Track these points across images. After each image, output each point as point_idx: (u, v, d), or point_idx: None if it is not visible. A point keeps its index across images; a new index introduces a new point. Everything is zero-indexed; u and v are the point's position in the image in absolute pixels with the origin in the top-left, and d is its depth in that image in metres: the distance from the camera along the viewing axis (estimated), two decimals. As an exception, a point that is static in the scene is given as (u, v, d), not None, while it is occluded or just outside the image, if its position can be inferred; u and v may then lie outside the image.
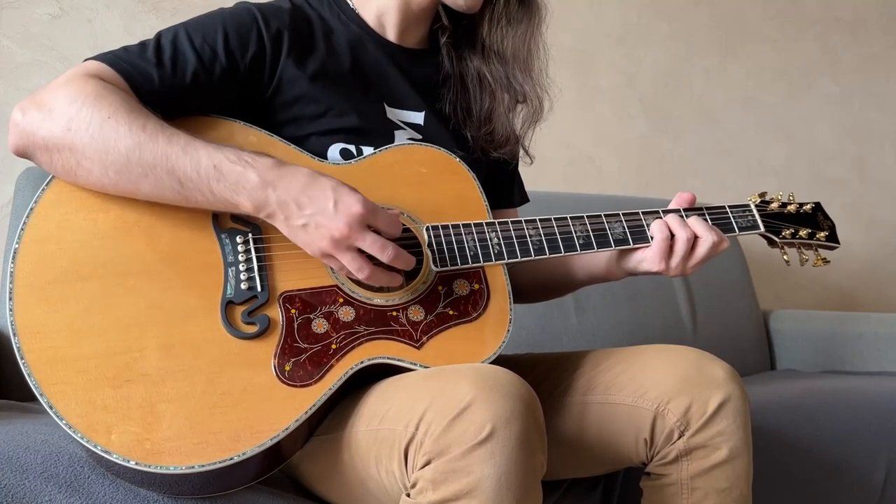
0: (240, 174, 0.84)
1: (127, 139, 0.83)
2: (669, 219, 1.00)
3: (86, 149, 0.83)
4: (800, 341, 2.03)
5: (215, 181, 0.84)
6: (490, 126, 1.10)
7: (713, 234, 0.98)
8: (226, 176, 0.83)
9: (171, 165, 0.83)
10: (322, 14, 1.06)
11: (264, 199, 0.84)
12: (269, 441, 0.81)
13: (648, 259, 1.00)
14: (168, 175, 0.83)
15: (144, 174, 0.84)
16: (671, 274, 1.00)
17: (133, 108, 0.85)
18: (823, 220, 1.12)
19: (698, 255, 0.99)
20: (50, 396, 0.79)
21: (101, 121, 0.83)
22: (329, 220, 0.83)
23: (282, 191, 0.84)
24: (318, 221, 0.83)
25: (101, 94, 0.84)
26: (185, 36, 0.93)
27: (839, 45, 2.59)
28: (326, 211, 0.83)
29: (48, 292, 0.83)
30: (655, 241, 0.99)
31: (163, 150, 0.83)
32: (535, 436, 0.78)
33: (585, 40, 2.25)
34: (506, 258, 0.97)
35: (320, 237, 0.84)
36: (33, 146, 0.86)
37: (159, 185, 0.84)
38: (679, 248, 0.98)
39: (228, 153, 0.85)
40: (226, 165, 0.84)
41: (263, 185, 0.84)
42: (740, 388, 0.92)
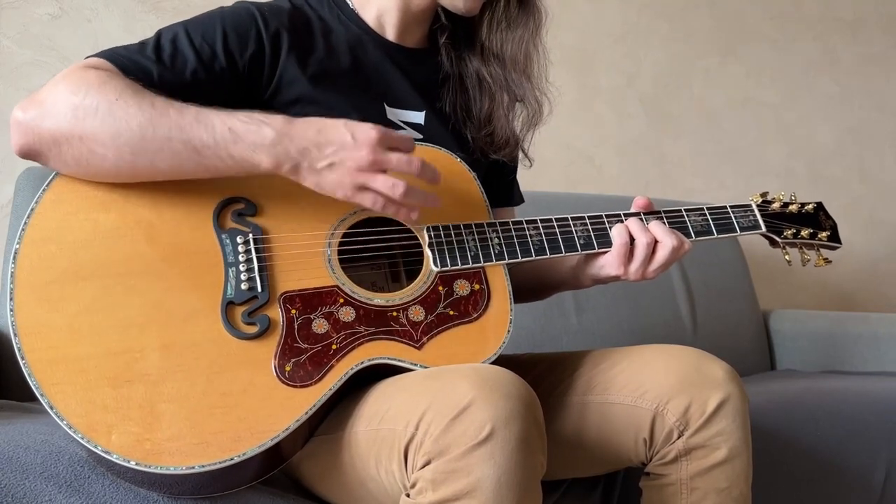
0: (255, 132, 0.84)
1: (138, 117, 0.83)
2: (630, 223, 1.00)
3: (97, 134, 0.83)
4: (800, 341, 2.03)
5: (232, 144, 0.84)
6: (490, 128, 1.10)
7: (673, 238, 0.98)
8: (242, 137, 0.84)
9: (187, 136, 0.83)
10: (321, 14, 1.06)
11: (284, 152, 0.84)
12: (269, 441, 0.81)
13: (608, 263, 1.00)
14: (184, 146, 0.84)
15: (160, 149, 0.84)
16: (631, 279, 1.00)
17: (138, 89, 0.86)
18: (825, 220, 1.12)
19: (658, 259, 0.99)
20: (50, 397, 0.79)
21: (109, 104, 0.83)
22: (352, 151, 0.84)
23: (299, 139, 0.85)
24: (343, 156, 0.84)
25: (105, 80, 0.85)
26: (185, 35, 0.93)
27: (839, 45, 2.59)
28: (347, 144, 0.84)
29: (49, 292, 0.83)
30: (615, 246, 0.99)
31: (176, 123, 0.83)
32: (534, 436, 0.78)
33: (585, 40, 2.25)
34: (506, 258, 0.97)
35: (348, 170, 0.84)
36: (40, 141, 0.85)
37: (177, 158, 0.84)
38: (639, 252, 0.98)
39: (240, 115, 0.86)
40: (240, 126, 0.84)
41: (280, 139, 0.84)
42: (739, 388, 0.92)
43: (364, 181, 0.85)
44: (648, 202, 1.04)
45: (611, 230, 1.00)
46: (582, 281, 1.06)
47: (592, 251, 1.00)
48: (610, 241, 1.00)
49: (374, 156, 0.84)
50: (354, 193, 0.86)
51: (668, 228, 0.99)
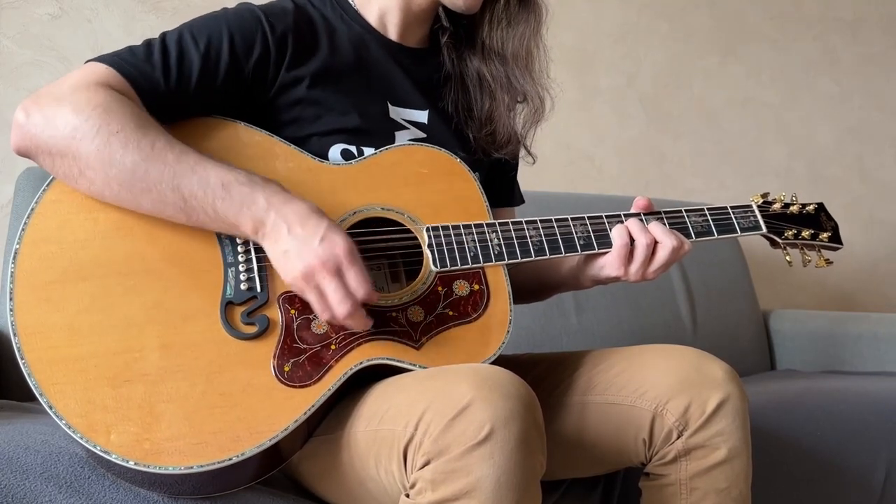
0: (247, 195, 0.84)
1: (134, 155, 0.83)
2: (630, 224, 0.99)
3: (90, 159, 0.83)
4: (800, 341, 2.03)
5: (220, 200, 0.84)
6: (491, 127, 1.10)
7: (673, 238, 0.98)
8: (233, 196, 0.84)
9: (177, 183, 0.83)
10: (325, 13, 1.06)
11: (263, 220, 0.84)
12: (268, 441, 0.81)
13: (608, 264, 0.99)
14: (172, 192, 0.84)
15: (148, 190, 0.84)
16: (631, 280, 0.99)
17: (142, 124, 0.85)
18: (826, 220, 1.12)
19: (659, 260, 0.98)
20: (50, 396, 0.79)
21: (109, 134, 0.83)
22: (309, 251, 0.83)
23: (281, 216, 0.84)
24: (300, 250, 0.83)
25: (111, 107, 0.84)
26: (190, 38, 0.93)
27: (839, 45, 2.59)
28: (311, 243, 0.83)
29: (49, 292, 0.83)
30: (615, 247, 0.98)
31: (170, 168, 0.83)
32: (534, 436, 0.78)
33: (585, 40, 2.25)
34: (506, 259, 0.97)
35: (293, 266, 0.84)
36: (36, 149, 0.86)
37: (161, 202, 0.84)
38: (639, 253, 0.98)
39: (239, 175, 0.85)
40: (234, 186, 0.84)
41: (267, 208, 0.84)
42: (739, 388, 0.92)
43: (300, 283, 0.84)
44: (649, 202, 1.04)
45: (611, 231, 1.00)
46: (582, 282, 1.06)
47: (592, 252, 1.00)
48: (610, 241, 1.00)
49: (320, 268, 0.82)
50: (292, 285, 0.85)
51: (668, 229, 0.99)
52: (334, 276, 0.83)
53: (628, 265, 0.99)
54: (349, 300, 0.84)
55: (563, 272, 1.09)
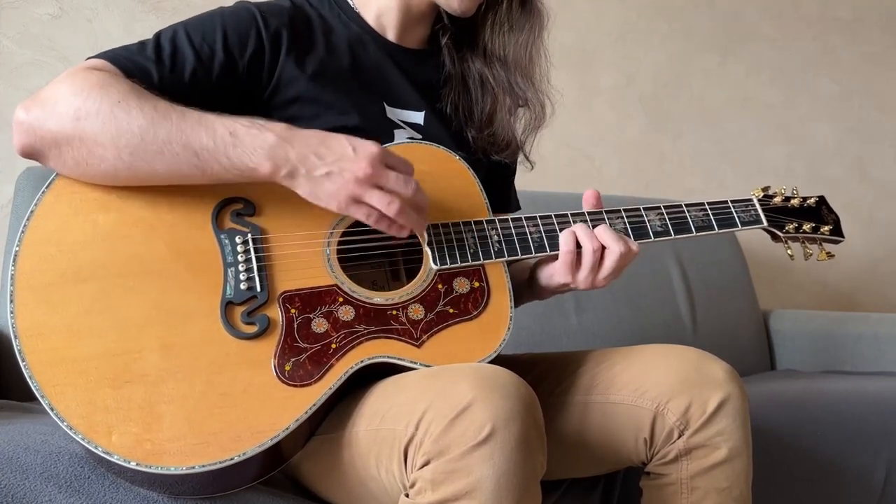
0: (256, 136, 0.84)
1: (140, 119, 0.83)
2: (577, 229, 0.97)
3: (97, 135, 0.83)
4: (800, 341, 2.03)
5: (232, 147, 0.84)
6: (492, 129, 1.10)
7: (619, 244, 0.95)
8: (242, 140, 0.84)
9: (187, 138, 0.84)
10: (322, 13, 1.06)
11: (283, 157, 0.84)
12: (269, 441, 0.81)
13: (557, 272, 0.98)
14: (184, 149, 0.84)
15: (160, 151, 0.84)
16: (581, 287, 0.97)
17: (141, 92, 0.86)
18: (828, 213, 1.11)
19: (606, 266, 0.96)
20: (51, 398, 0.79)
21: (112, 105, 0.83)
22: (351, 162, 0.84)
23: (300, 146, 0.85)
24: (342, 166, 0.84)
25: (107, 82, 0.85)
26: (185, 35, 0.94)
27: (839, 45, 2.59)
28: (347, 155, 0.85)
29: (49, 294, 0.83)
30: (561, 253, 0.97)
31: (177, 125, 0.84)
32: (534, 436, 0.78)
33: (585, 40, 2.25)
34: (506, 255, 0.97)
35: (345, 181, 0.84)
36: (41, 142, 0.85)
37: (176, 161, 0.84)
38: (586, 259, 0.96)
39: (242, 120, 0.86)
40: (241, 130, 0.84)
41: (281, 144, 0.84)
42: (740, 388, 0.92)
43: (360, 194, 0.85)
44: (594, 194, 1.01)
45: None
46: (537, 292, 1.05)
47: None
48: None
49: (374, 169, 0.84)
50: (349, 205, 0.86)
51: (614, 233, 0.96)
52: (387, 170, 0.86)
53: (576, 272, 0.97)
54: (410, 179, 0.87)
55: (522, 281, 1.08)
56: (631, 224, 1.01)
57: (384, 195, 0.85)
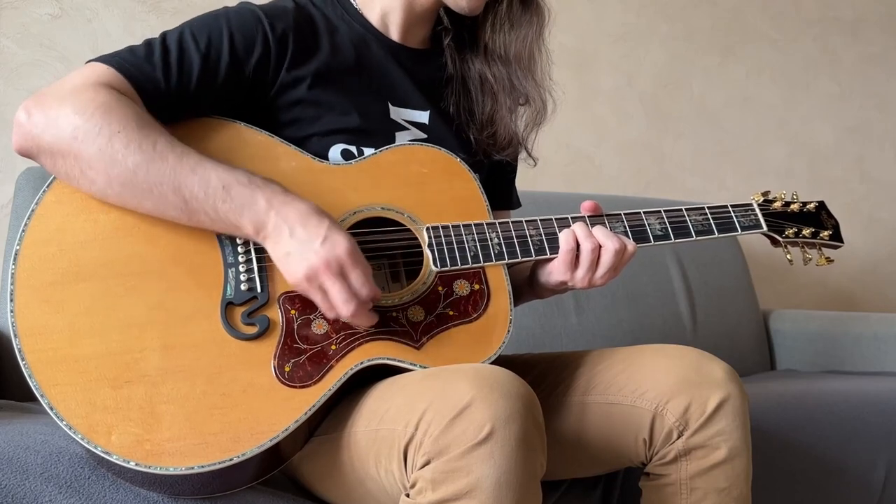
0: (248, 196, 0.84)
1: (136, 155, 0.83)
2: (576, 228, 0.98)
3: (91, 159, 0.83)
4: (800, 341, 2.03)
5: (221, 201, 0.84)
6: (492, 129, 1.10)
7: (615, 241, 0.96)
8: (233, 197, 0.84)
9: (178, 184, 0.83)
10: (325, 13, 1.06)
11: (262, 223, 0.85)
12: (268, 442, 0.81)
13: (555, 270, 0.98)
14: (174, 193, 0.84)
15: (149, 190, 0.84)
16: (578, 285, 0.98)
17: (144, 124, 0.85)
18: (827, 218, 1.12)
19: (603, 264, 0.96)
20: (51, 397, 0.79)
21: (111, 134, 0.83)
22: (311, 253, 0.84)
23: (283, 216, 0.85)
24: (302, 252, 0.84)
25: (112, 107, 0.84)
26: (191, 38, 0.93)
27: (839, 45, 2.59)
28: (313, 244, 0.84)
29: (49, 293, 0.83)
30: (561, 252, 0.97)
31: (171, 168, 0.84)
32: (534, 436, 0.78)
33: (585, 40, 2.25)
34: (506, 258, 0.97)
35: (296, 268, 0.84)
36: (37, 149, 0.86)
37: (163, 202, 0.84)
38: (584, 258, 0.96)
39: (240, 176, 0.85)
40: (235, 188, 0.84)
41: (268, 209, 0.84)
42: (739, 388, 0.92)
43: (304, 284, 0.85)
44: (594, 205, 1.02)
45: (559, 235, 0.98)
46: (536, 291, 1.05)
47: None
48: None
49: (325, 269, 0.83)
50: (296, 286, 0.86)
51: (610, 232, 0.97)
52: (337, 277, 0.84)
53: (574, 270, 0.98)
54: (353, 300, 0.84)
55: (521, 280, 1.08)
56: (631, 228, 1.02)
57: (323, 300, 0.85)
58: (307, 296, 0.86)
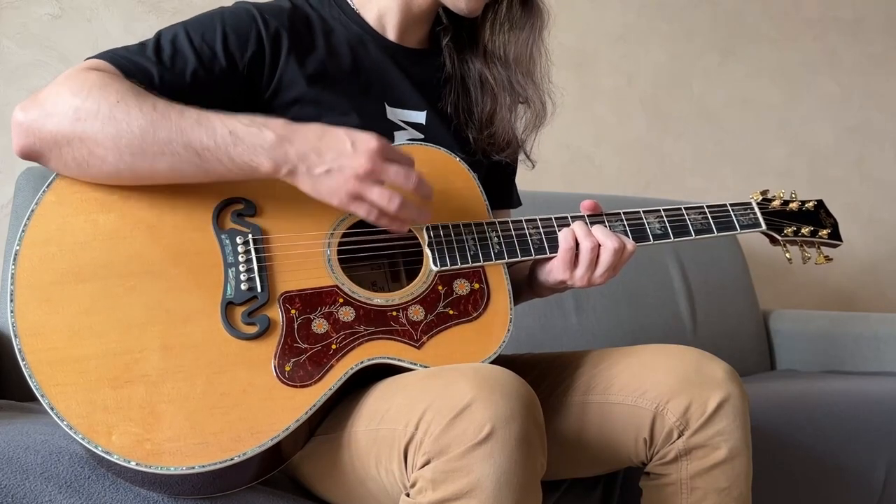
0: (256, 135, 0.84)
1: (140, 119, 0.83)
2: (576, 227, 0.98)
3: (97, 135, 0.83)
4: (800, 341, 2.03)
5: (233, 146, 0.84)
6: (492, 129, 1.10)
7: (614, 240, 0.96)
8: (242, 139, 0.84)
9: (187, 138, 0.83)
10: (322, 13, 1.06)
11: (283, 155, 0.84)
12: (269, 441, 0.81)
13: (555, 268, 0.99)
14: (185, 149, 0.84)
15: (161, 152, 0.84)
16: (577, 284, 0.98)
17: (140, 92, 0.86)
18: (826, 217, 1.12)
19: (602, 263, 0.97)
20: (51, 397, 0.79)
21: (111, 106, 0.83)
22: (351, 159, 0.84)
23: (299, 143, 0.84)
24: (342, 163, 0.84)
25: (106, 82, 0.85)
26: (185, 35, 0.93)
27: (839, 45, 2.59)
28: (346, 152, 0.84)
29: (49, 294, 0.83)
30: (560, 251, 0.97)
31: (176, 125, 0.83)
32: (534, 436, 0.78)
33: (585, 40, 2.25)
34: (506, 257, 0.97)
35: (345, 178, 0.84)
36: (41, 143, 0.85)
37: (177, 161, 0.84)
38: (583, 257, 0.97)
39: (241, 118, 0.85)
40: (241, 129, 0.84)
41: (280, 142, 0.84)
42: (739, 388, 0.92)
43: (360, 190, 0.85)
44: (594, 204, 1.02)
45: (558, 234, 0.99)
46: (536, 289, 1.05)
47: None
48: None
49: (373, 165, 0.84)
50: (350, 202, 0.86)
51: (609, 231, 0.98)
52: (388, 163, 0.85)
53: (573, 269, 0.98)
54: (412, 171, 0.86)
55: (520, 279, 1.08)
56: (630, 227, 1.02)
57: (384, 192, 0.85)
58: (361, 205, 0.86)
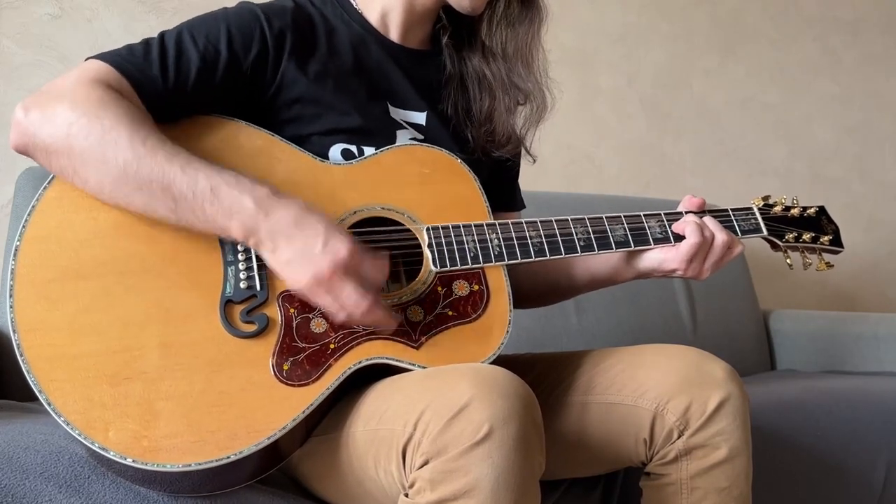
0: (235, 198, 0.83)
1: (126, 152, 0.83)
2: (707, 221, 1.02)
3: (84, 155, 0.83)
4: (800, 341, 2.03)
5: (209, 203, 0.83)
6: (490, 125, 1.10)
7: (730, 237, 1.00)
8: (221, 199, 0.83)
9: (168, 183, 0.83)
10: (324, 13, 1.06)
11: (254, 227, 0.83)
12: (266, 440, 0.81)
13: (670, 259, 1.01)
14: (163, 192, 0.83)
15: (139, 188, 0.83)
16: (687, 275, 1.01)
17: (135, 121, 0.85)
18: (827, 223, 1.12)
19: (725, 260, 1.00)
20: (48, 393, 0.79)
21: (102, 132, 0.83)
22: (315, 259, 0.82)
23: (273, 221, 0.83)
24: (305, 260, 0.83)
25: (105, 104, 0.84)
26: (189, 36, 0.93)
27: (839, 45, 2.59)
28: (313, 250, 0.82)
29: (48, 290, 0.83)
30: (688, 243, 0.99)
31: (161, 167, 0.83)
32: (533, 436, 0.77)
33: (585, 40, 2.25)
34: (506, 259, 0.97)
35: (302, 275, 0.83)
36: (33, 146, 0.86)
37: (152, 201, 0.84)
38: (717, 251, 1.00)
39: (227, 177, 0.84)
40: (223, 189, 0.83)
41: (255, 214, 0.83)
42: (739, 388, 0.92)
43: (311, 292, 0.84)
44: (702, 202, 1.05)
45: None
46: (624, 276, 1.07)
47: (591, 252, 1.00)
48: (611, 242, 1.01)
49: (331, 275, 0.82)
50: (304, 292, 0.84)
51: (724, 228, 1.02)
52: (345, 281, 0.83)
53: (693, 262, 1.00)
54: (365, 300, 0.83)
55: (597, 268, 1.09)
56: (631, 230, 1.02)
57: (333, 303, 0.84)
58: (313, 301, 0.85)
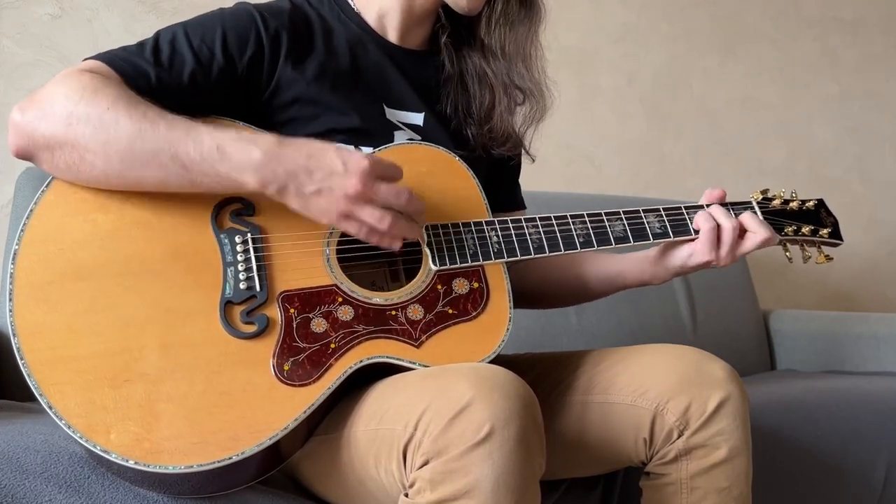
0: (243, 152, 0.83)
1: (128, 127, 0.83)
2: (713, 210, 1.03)
3: (88, 141, 0.83)
4: (800, 341, 2.03)
5: (219, 162, 0.83)
6: (490, 123, 1.10)
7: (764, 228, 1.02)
8: (229, 156, 0.83)
9: (175, 150, 0.83)
10: (322, 13, 1.06)
11: (271, 174, 0.84)
12: (267, 440, 0.81)
13: (698, 251, 1.02)
14: (172, 160, 0.83)
15: (148, 161, 0.83)
16: (721, 263, 1.02)
17: (131, 98, 0.85)
18: (826, 216, 1.12)
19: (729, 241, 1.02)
20: (49, 396, 0.79)
21: (101, 112, 0.83)
22: (342, 179, 0.83)
23: (288, 162, 0.84)
24: (332, 184, 0.84)
25: (99, 87, 0.84)
26: (184, 36, 0.93)
27: (839, 45, 2.59)
28: (336, 172, 0.84)
29: (48, 293, 0.83)
30: (703, 233, 1.01)
31: (165, 136, 0.83)
32: (533, 436, 0.78)
33: (585, 40, 2.25)
34: (505, 257, 0.97)
35: (336, 199, 0.84)
36: (34, 145, 0.85)
37: (164, 172, 0.84)
38: (726, 237, 1.01)
39: (230, 132, 0.85)
40: (229, 145, 0.84)
41: (268, 161, 0.83)
42: (740, 388, 0.92)
43: (351, 210, 0.84)
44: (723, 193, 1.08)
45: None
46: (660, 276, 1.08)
47: (591, 249, 1.01)
48: (610, 238, 1.01)
49: (364, 186, 0.84)
50: (341, 221, 0.86)
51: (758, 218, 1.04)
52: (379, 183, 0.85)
53: (718, 249, 1.02)
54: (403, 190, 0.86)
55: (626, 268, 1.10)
56: (630, 226, 1.02)
57: (375, 210, 0.85)
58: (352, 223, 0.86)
